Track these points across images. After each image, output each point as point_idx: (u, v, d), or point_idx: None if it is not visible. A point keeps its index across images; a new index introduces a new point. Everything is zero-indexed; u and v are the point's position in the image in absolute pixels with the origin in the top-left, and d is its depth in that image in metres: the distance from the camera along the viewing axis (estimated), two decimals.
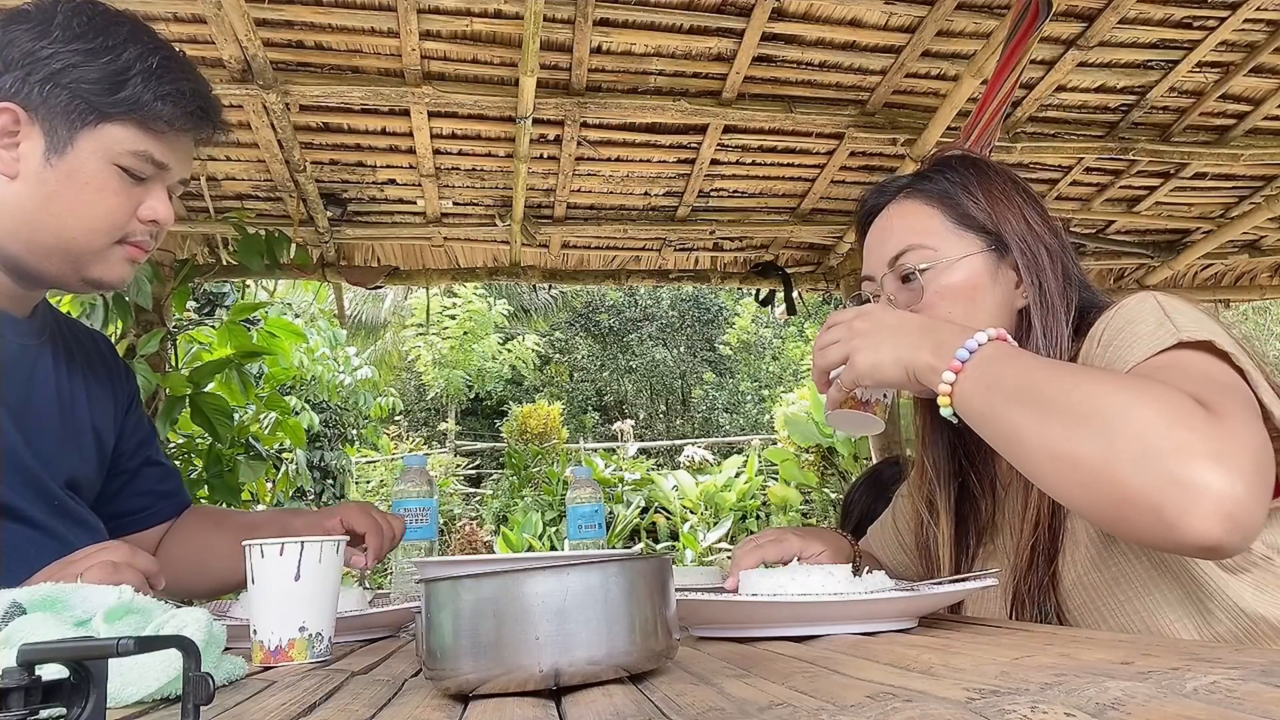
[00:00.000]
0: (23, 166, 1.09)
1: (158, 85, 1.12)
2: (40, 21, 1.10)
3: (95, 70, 1.09)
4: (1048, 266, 1.09)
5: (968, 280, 1.09)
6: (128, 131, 1.12)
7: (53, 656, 0.49)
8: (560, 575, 0.62)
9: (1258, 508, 0.72)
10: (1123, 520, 0.76)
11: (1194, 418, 0.74)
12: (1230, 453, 0.72)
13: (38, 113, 1.08)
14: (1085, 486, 0.76)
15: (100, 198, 1.11)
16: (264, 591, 0.86)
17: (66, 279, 1.15)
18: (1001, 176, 1.16)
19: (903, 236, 1.14)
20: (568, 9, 2.27)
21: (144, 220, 1.16)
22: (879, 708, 0.46)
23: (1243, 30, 2.57)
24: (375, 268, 3.43)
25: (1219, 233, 3.62)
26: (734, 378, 17.57)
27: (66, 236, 1.11)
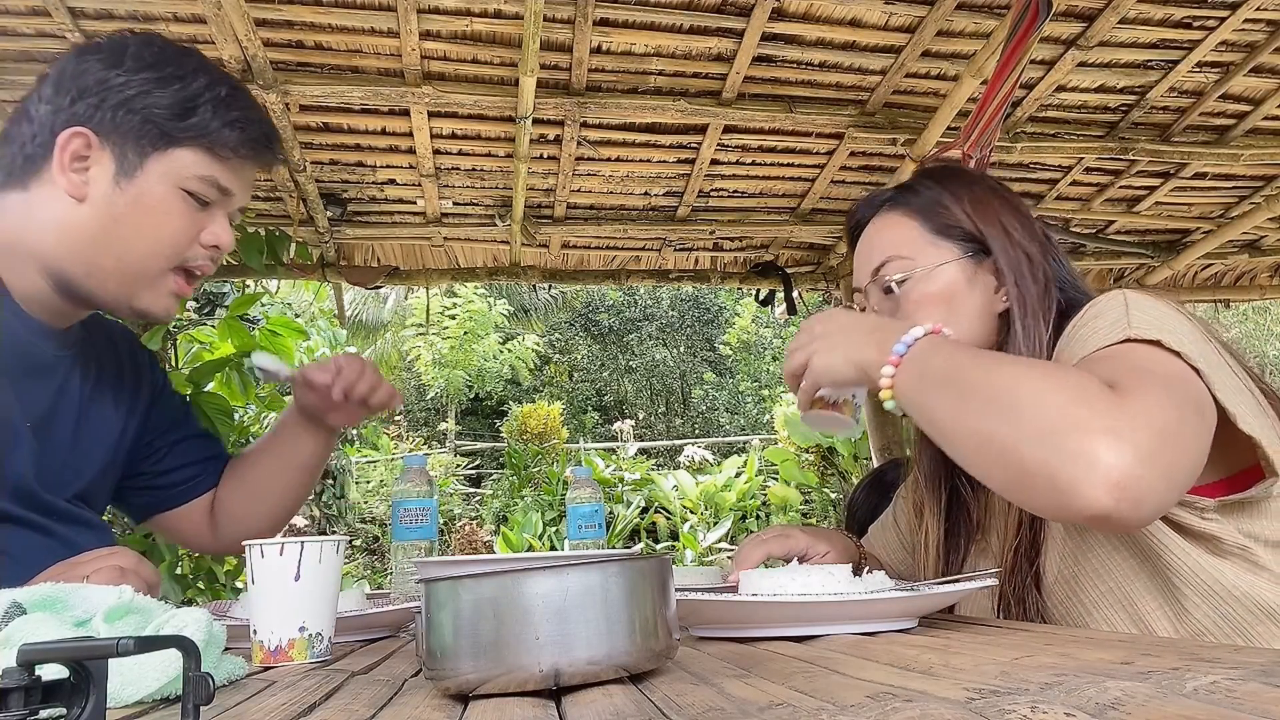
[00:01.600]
0: (91, 189, 1.12)
1: (225, 113, 1.16)
2: (112, 53, 1.14)
3: (166, 97, 1.13)
4: (1027, 271, 1.11)
5: (944, 288, 1.13)
6: (195, 156, 1.15)
7: (53, 656, 0.49)
8: (560, 575, 0.62)
9: (1155, 481, 0.76)
10: (1026, 492, 0.82)
11: (1096, 397, 0.78)
12: (1127, 428, 0.76)
13: (109, 138, 1.12)
14: (996, 463, 0.83)
15: (166, 221, 1.14)
16: (264, 591, 0.86)
17: (118, 305, 1.18)
18: (980, 184, 1.19)
19: (882, 248, 1.19)
20: (568, 9, 2.26)
21: (205, 245, 1.19)
22: (879, 708, 0.46)
23: (1243, 30, 2.57)
24: (375, 268, 3.43)
25: (1219, 233, 3.62)
26: (734, 378, 17.56)
27: (129, 259, 1.14)
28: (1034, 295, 1.10)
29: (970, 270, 1.14)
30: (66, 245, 1.13)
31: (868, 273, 1.20)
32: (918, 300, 1.14)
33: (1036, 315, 1.09)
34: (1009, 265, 1.11)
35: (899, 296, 1.15)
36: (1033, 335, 1.09)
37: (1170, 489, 0.79)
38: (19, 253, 1.14)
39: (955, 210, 1.16)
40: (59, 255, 1.13)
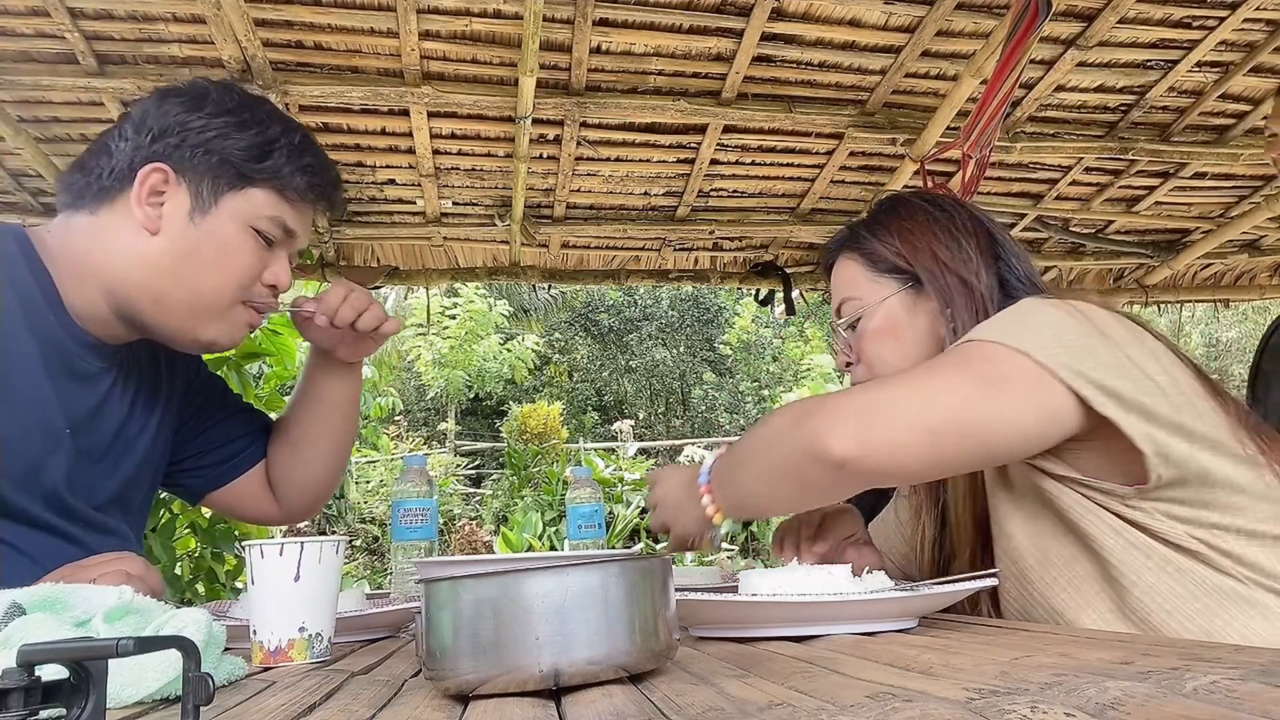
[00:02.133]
0: (165, 224, 1.16)
1: (299, 158, 1.22)
2: (194, 97, 1.20)
3: (245, 140, 1.19)
4: (959, 293, 1.17)
5: (886, 322, 1.22)
6: (267, 197, 1.21)
7: (52, 657, 0.49)
8: (560, 575, 0.62)
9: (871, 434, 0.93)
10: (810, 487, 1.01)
11: (815, 398, 1.02)
12: (832, 404, 0.97)
13: (186, 175, 1.17)
14: (783, 486, 1.02)
15: (236, 257, 1.19)
16: (264, 592, 0.86)
17: (180, 335, 1.22)
18: (917, 212, 1.25)
19: (839, 290, 1.29)
20: (567, 9, 2.26)
21: (266, 284, 1.23)
22: (879, 708, 0.46)
23: (1242, 30, 2.57)
24: (375, 268, 3.42)
25: (1218, 232, 3.62)
26: (734, 378, 17.56)
27: (198, 290, 1.18)
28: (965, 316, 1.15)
29: (910, 301, 1.21)
30: (137, 275, 1.17)
31: (834, 314, 1.31)
32: (868, 337, 1.23)
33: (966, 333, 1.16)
34: (939, 293, 1.18)
35: (857, 336, 1.25)
36: None
37: (894, 433, 0.93)
38: (83, 271, 1.17)
39: (887, 247, 1.23)
40: (127, 283, 1.17)
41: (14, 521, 1.10)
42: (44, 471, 1.14)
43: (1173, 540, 0.97)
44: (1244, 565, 0.96)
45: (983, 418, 0.93)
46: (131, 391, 1.29)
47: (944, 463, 0.99)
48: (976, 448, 0.96)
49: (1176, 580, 0.97)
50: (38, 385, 1.13)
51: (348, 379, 1.46)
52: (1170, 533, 0.97)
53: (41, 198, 2.95)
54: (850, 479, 0.97)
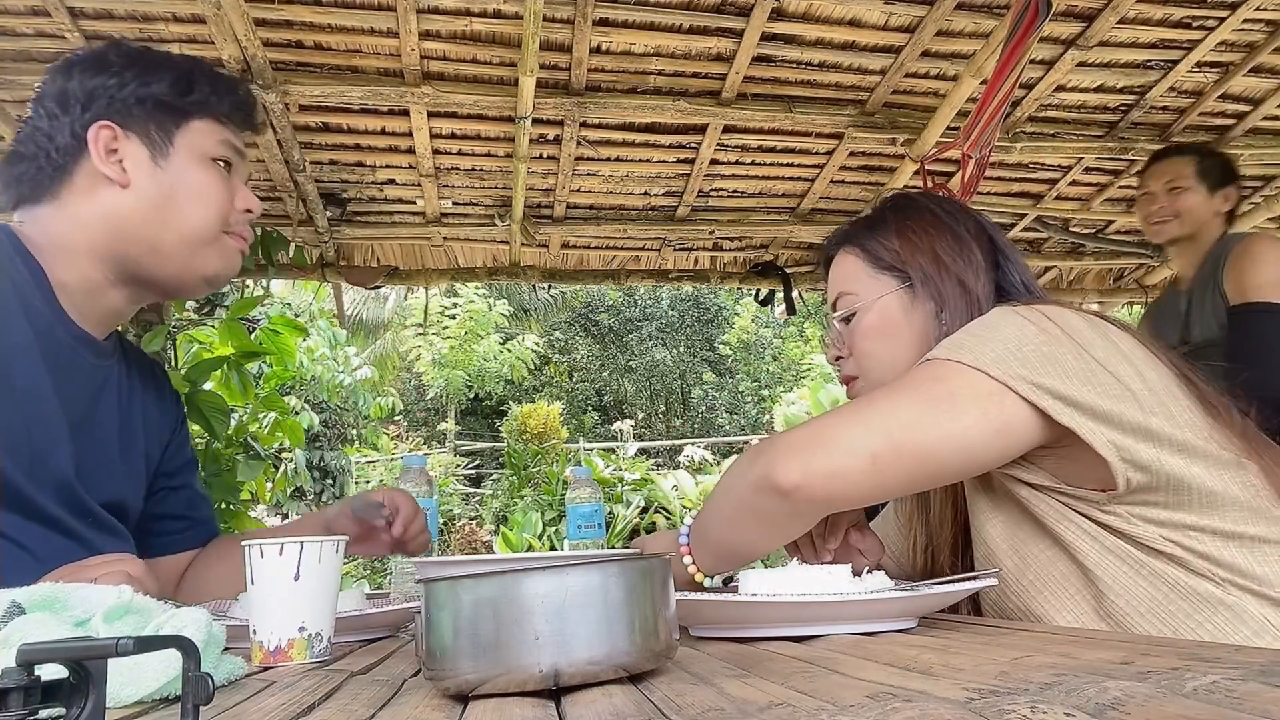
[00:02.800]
0: (132, 175, 1.19)
1: (215, 83, 1.27)
2: (94, 61, 1.23)
3: (164, 80, 1.22)
4: (956, 296, 1.17)
5: (881, 320, 1.22)
6: (208, 125, 1.25)
7: (52, 656, 0.49)
8: (560, 575, 0.62)
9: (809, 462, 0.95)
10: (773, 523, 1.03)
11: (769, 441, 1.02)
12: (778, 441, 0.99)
13: (131, 126, 1.20)
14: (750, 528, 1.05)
15: (211, 188, 1.24)
16: (263, 591, 0.86)
17: (185, 278, 1.25)
18: (920, 213, 1.25)
19: (836, 285, 1.29)
20: (567, 9, 2.26)
21: (240, 210, 1.28)
22: (879, 708, 0.46)
23: (1242, 30, 2.57)
24: (375, 268, 3.42)
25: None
26: (734, 378, 17.57)
27: (186, 229, 1.22)
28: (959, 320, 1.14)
29: (907, 300, 1.20)
30: (124, 230, 1.19)
31: (829, 308, 1.30)
32: (861, 334, 1.23)
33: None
34: (934, 295, 1.18)
35: (850, 330, 1.25)
36: None
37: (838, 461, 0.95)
38: (70, 253, 1.19)
39: (887, 245, 1.23)
40: (117, 242, 1.19)
41: (21, 515, 1.10)
42: (51, 462, 1.14)
43: (1146, 543, 0.97)
44: (1220, 567, 0.96)
45: (927, 439, 0.94)
46: (125, 396, 1.30)
47: (887, 487, 0.99)
48: (919, 469, 0.96)
49: (1151, 583, 0.97)
50: (37, 377, 1.14)
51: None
52: (1144, 535, 0.97)
53: None
54: (800, 508, 0.99)
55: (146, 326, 2.89)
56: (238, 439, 3.08)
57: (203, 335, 3.35)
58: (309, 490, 9.30)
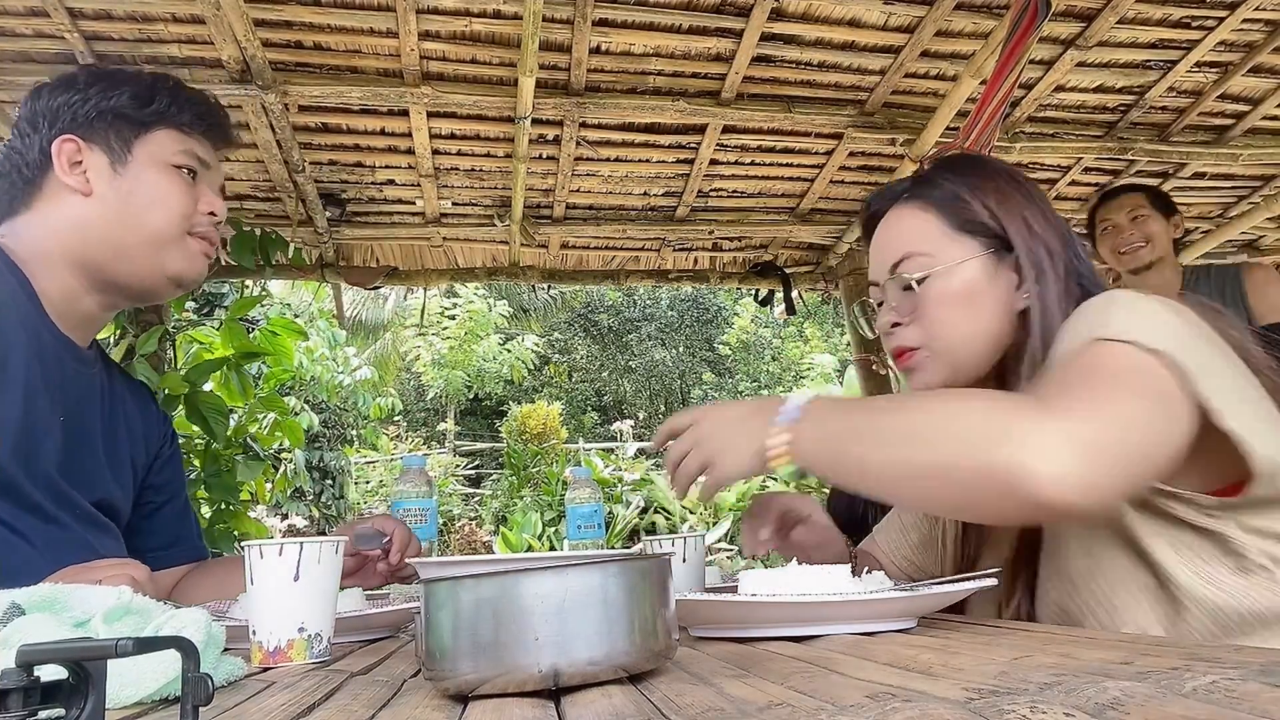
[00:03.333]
0: (94, 184, 1.26)
1: (179, 95, 1.32)
2: (64, 82, 1.30)
3: (127, 93, 1.28)
4: (1049, 268, 1.07)
5: (965, 286, 1.10)
6: (170, 134, 1.30)
7: (52, 657, 0.49)
8: (560, 575, 0.62)
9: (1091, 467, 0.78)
10: (974, 507, 0.88)
11: (1015, 408, 0.84)
12: (1052, 423, 0.80)
13: (92, 139, 1.26)
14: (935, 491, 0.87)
15: (168, 191, 1.28)
16: (263, 592, 0.86)
17: (154, 279, 1.29)
18: (1002, 175, 1.15)
19: (901, 244, 1.14)
20: (567, 9, 2.26)
21: (204, 213, 1.32)
22: (878, 708, 0.46)
23: (1241, 30, 2.57)
24: (374, 268, 3.43)
25: (1218, 233, 3.62)
26: (733, 378, 17.57)
27: (147, 231, 1.26)
28: (1054, 294, 1.06)
29: (992, 267, 1.09)
30: (89, 235, 1.25)
31: (885, 268, 1.16)
32: (937, 298, 1.10)
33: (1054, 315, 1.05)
34: (1031, 262, 1.07)
35: (918, 295, 1.12)
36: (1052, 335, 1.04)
37: (1114, 474, 0.80)
38: (48, 260, 1.24)
39: (976, 204, 1.11)
40: (84, 247, 1.25)
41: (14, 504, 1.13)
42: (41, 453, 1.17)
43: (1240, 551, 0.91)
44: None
45: (1164, 446, 0.83)
46: (109, 404, 1.34)
47: (1128, 495, 0.89)
48: (1153, 477, 0.86)
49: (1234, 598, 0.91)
50: (30, 372, 1.17)
51: None
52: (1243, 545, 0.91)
53: None
54: (1043, 515, 0.87)
55: (146, 326, 2.89)
56: (237, 439, 3.08)
57: (202, 336, 3.35)
58: (308, 491, 9.31)
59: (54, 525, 1.16)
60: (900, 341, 1.14)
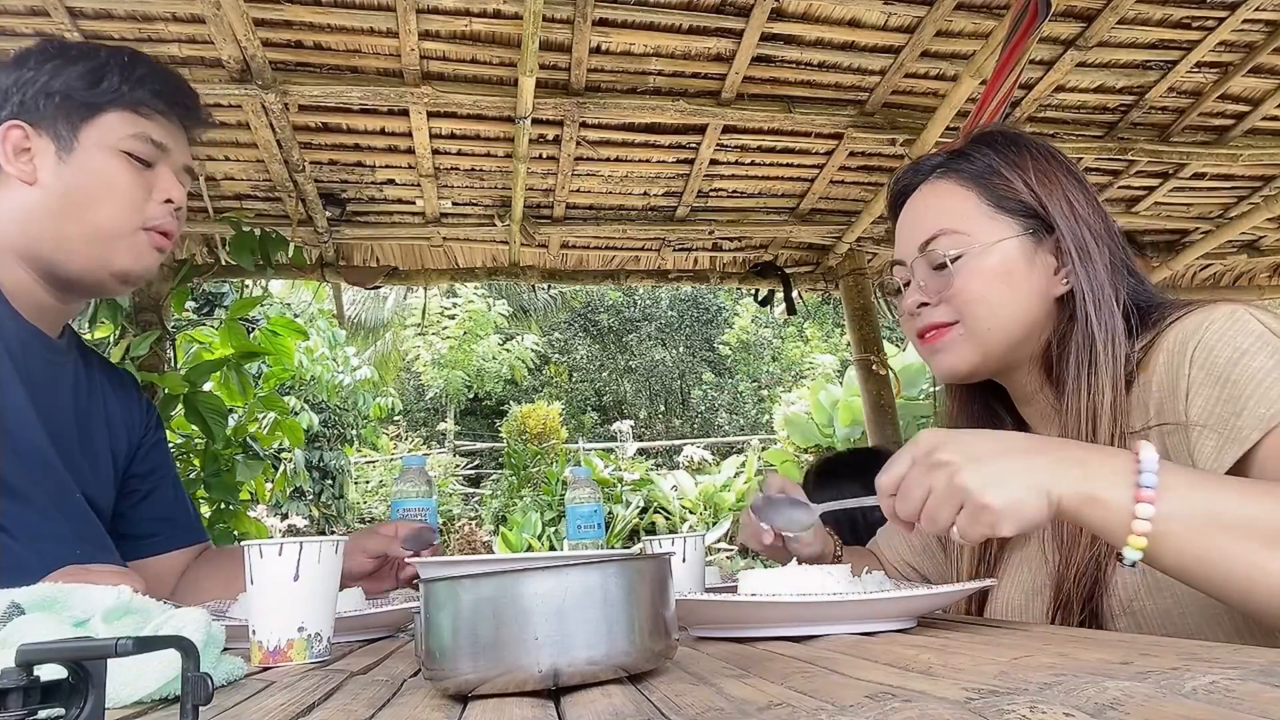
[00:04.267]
0: (40, 173, 1.19)
1: (133, 72, 1.24)
2: (16, 60, 1.24)
3: (76, 71, 1.21)
4: (1094, 250, 1.02)
5: (1002, 266, 1.04)
6: (121, 117, 1.22)
7: (51, 657, 0.49)
8: (559, 575, 0.62)
9: None
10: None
11: None
12: None
13: (40, 124, 1.20)
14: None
15: (115, 182, 1.21)
16: (263, 592, 0.86)
17: (99, 275, 1.23)
18: (1044, 154, 1.10)
19: (935, 220, 1.09)
20: (567, 9, 2.26)
21: (159, 200, 1.25)
22: (878, 708, 0.46)
23: (1241, 30, 2.57)
24: (374, 268, 3.43)
25: (1218, 233, 3.62)
26: (733, 378, 17.57)
27: (92, 224, 1.20)
28: (1102, 276, 1.01)
29: (1030, 248, 1.04)
30: (32, 227, 1.19)
31: (915, 245, 1.11)
32: (970, 277, 1.04)
33: (1108, 299, 1.01)
34: (1074, 244, 1.02)
35: (950, 273, 1.06)
36: (1105, 322, 1.00)
37: None
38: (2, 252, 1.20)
39: (1016, 181, 1.06)
40: (28, 239, 1.20)
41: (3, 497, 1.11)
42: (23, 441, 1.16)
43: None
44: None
45: None
46: (84, 394, 1.31)
47: None
48: None
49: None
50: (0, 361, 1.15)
51: None
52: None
53: None
54: None
55: (144, 326, 2.89)
56: (237, 439, 3.08)
57: (202, 336, 3.35)
58: (308, 490, 9.31)
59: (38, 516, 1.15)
60: (927, 320, 1.08)
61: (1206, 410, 0.88)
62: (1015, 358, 1.08)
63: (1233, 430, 0.85)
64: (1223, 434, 0.86)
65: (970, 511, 0.78)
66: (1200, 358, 0.90)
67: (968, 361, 1.08)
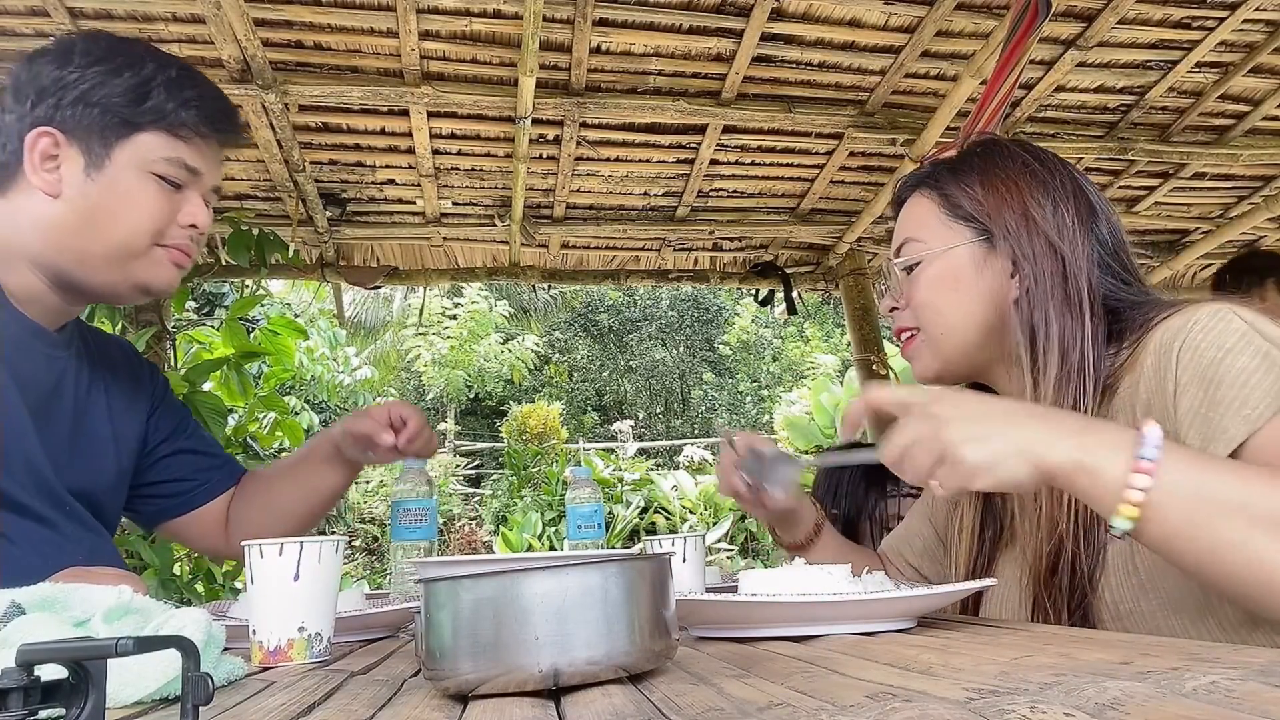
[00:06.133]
0: (65, 186, 1.16)
1: (179, 93, 1.20)
2: (60, 53, 1.18)
3: (120, 85, 1.17)
4: (1043, 258, 1.05)
5: (949, 271, 1.11)
6: (158, 139, 1.19)
7: (52, 657, 0.49)
8: (560, 575, 0.62)
9: None
10: None
11: None
12: None
13: (73, 134, 1.16)
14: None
15: (140, 205, 1.18)
16: (263, 591, 0.86)
17: (117, 287, 1.21)
18: (1014, 162, 1.13)
19: (905, 228, 1.18)
20: (567, 9, 2.26)
21: (183, 225, 1.23)
22: (878, 708, 0.46)
23: (1242, 30, 2.57)
24: (375, 268, 3.43)
25: (1218, 233, 3.62)
26: (734, 378, 17.57)
27: (112, 244, 1.18)
28: (1046, 285, 1.04)
29: (981, 255, 1.10)
30: (52, 240, 1.17)
31: (893, 252, 1.20)
32: (924, 282, 1.12)
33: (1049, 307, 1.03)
34: (1020, 253, 1.06)
35: (912, 279, 1.14)
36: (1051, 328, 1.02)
37: None
38: (11, 254, 1.18)
39: (970, 192, 1.12)
40: (47, 251, 1.17)
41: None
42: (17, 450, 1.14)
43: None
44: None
45: None
46: (86, 384, 1.30)
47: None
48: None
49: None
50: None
51: (350, 475, 1.56)
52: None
53: None
54: None
55: (144, 325, 2.89)
56: (237, 439, 3.08)
57: (202, 335, 3.35)
58: None
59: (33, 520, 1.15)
60: (899, 324, 1.17)
61: (1193, 410, 0.89)
62: (981, 360, 1.13)
63: (1218, 429, 0.86)
64: (1208, 433, 0.87)
65: (948, 464, 0.81)
66: (1186, 358, 0.91)
67: (930, 367, 1.15)
